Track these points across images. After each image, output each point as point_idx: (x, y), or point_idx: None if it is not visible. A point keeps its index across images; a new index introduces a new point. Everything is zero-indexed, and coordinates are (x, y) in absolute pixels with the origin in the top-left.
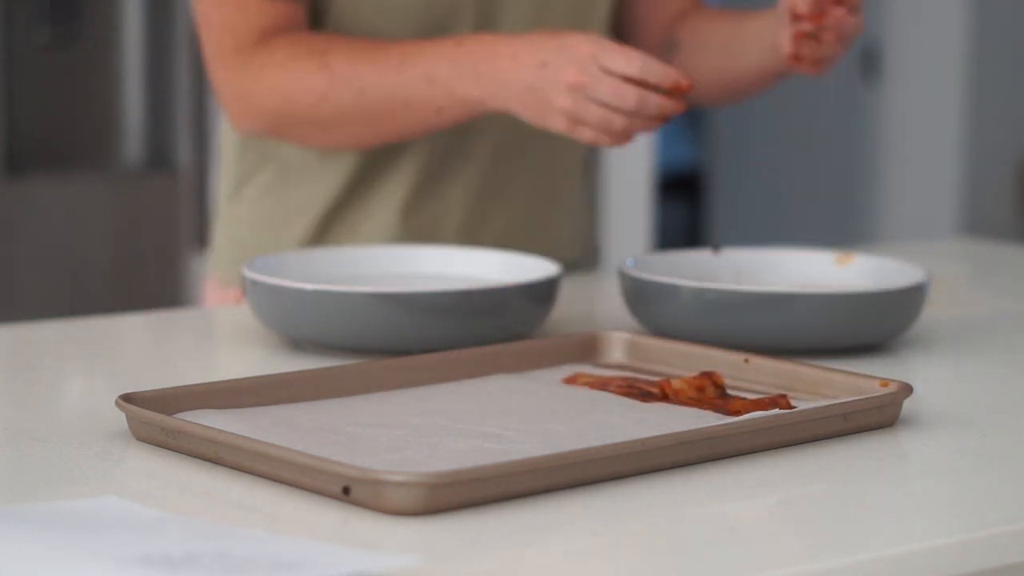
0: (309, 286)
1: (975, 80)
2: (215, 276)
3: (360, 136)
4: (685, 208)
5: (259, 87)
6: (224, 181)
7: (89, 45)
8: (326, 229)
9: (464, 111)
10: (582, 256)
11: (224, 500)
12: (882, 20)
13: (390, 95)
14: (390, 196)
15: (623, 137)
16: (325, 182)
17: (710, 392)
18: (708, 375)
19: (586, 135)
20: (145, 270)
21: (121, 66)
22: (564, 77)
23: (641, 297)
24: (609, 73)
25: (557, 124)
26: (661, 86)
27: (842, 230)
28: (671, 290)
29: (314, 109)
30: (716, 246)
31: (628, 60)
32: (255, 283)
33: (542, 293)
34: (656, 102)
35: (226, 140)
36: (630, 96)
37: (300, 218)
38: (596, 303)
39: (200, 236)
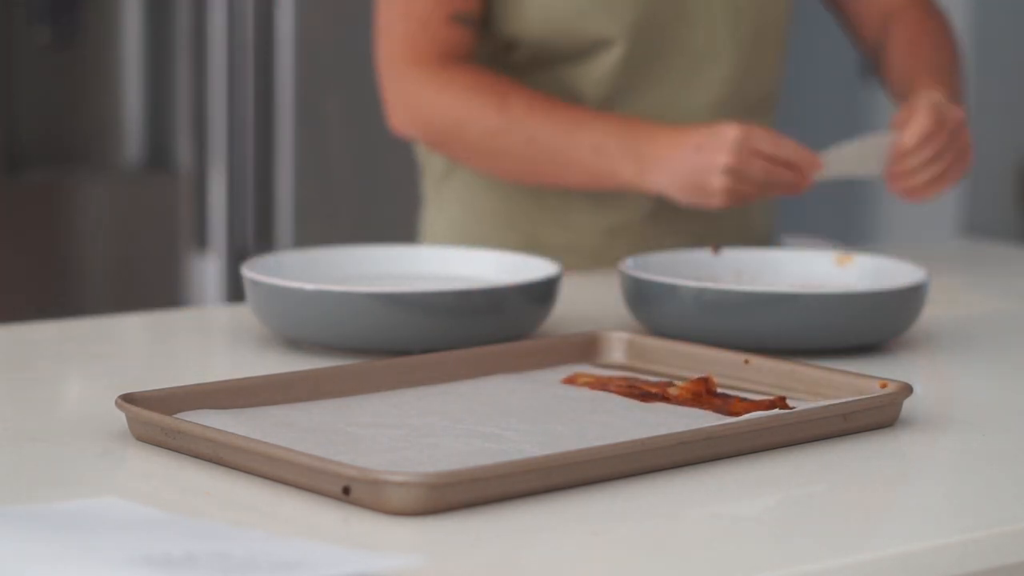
0: (309, 286)
1: (975, 80)
2: None
3: (513, 173)
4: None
5: (437, 103)
6: (429, 167)
7: (89, 45)
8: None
9: (615, 184)
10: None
11: (224, 500)
12: None
13: (557, 151)
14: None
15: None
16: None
17: (707, 398)
18: (703, 381)
19: (743, 206)
20: (145, 270)
21: (121, 66)
22: (720, 159)
23: (641, 297)
24: (758, 154)
25: (715, 202)
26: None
27: (842, 230)
28: (671, 290)
29: (484, 140)
30: (716, 246)
31: (775, 144)
32: (255, 283)
33: (542, 293)
34: (799, 181)
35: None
36: (781, 178)
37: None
38: (596, 303)
39: (200, 236)
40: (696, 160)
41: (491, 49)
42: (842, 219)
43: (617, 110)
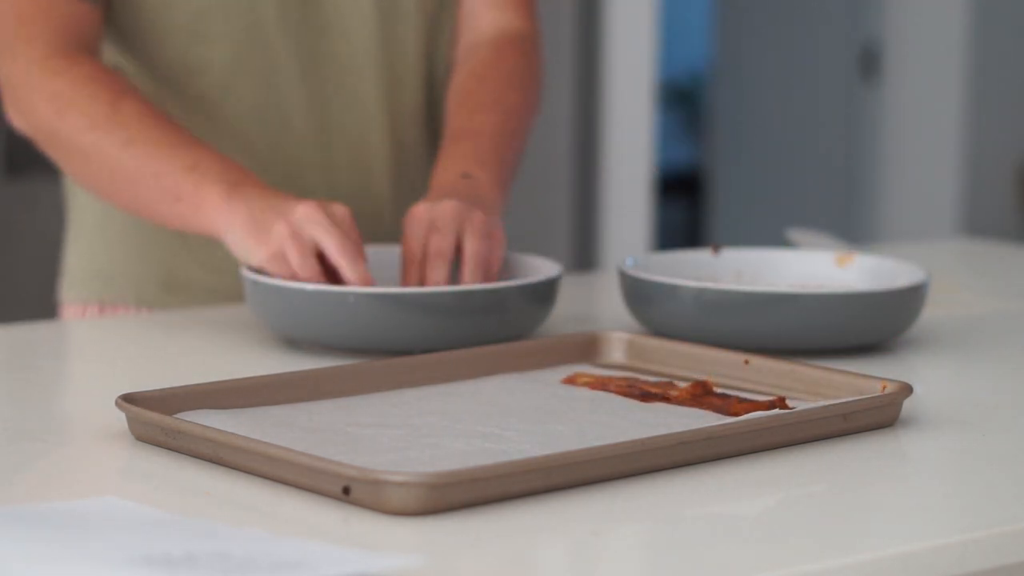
0: (309, 286)
1: (975, 80)
2: (72, 296)
3: (101, 186)
4: (685, 208)
5: (44, 89)
6: (69, 206)
7: None
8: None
9: (193, 214)
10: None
11: (224, 500)
12: (882, 20)
13: (149, 159)
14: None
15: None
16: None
17: (707, 398)
18: (700, 384)
19: (281, 272)
20: None
21: None
22: (296, 207)
23: (641, 297)
24: (312, 240)
25: (263, 252)
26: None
27: (842, 230)
28: (671, 290)
29: (78, 135)
30: (716, 246)
31: (339, 249)
32: (255, 283)
33: (542, 293)
34: (314, 273)
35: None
36: (308, 272)
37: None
38: (596, 303)
39: None
40: (277, 207)
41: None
42: (842, 219)
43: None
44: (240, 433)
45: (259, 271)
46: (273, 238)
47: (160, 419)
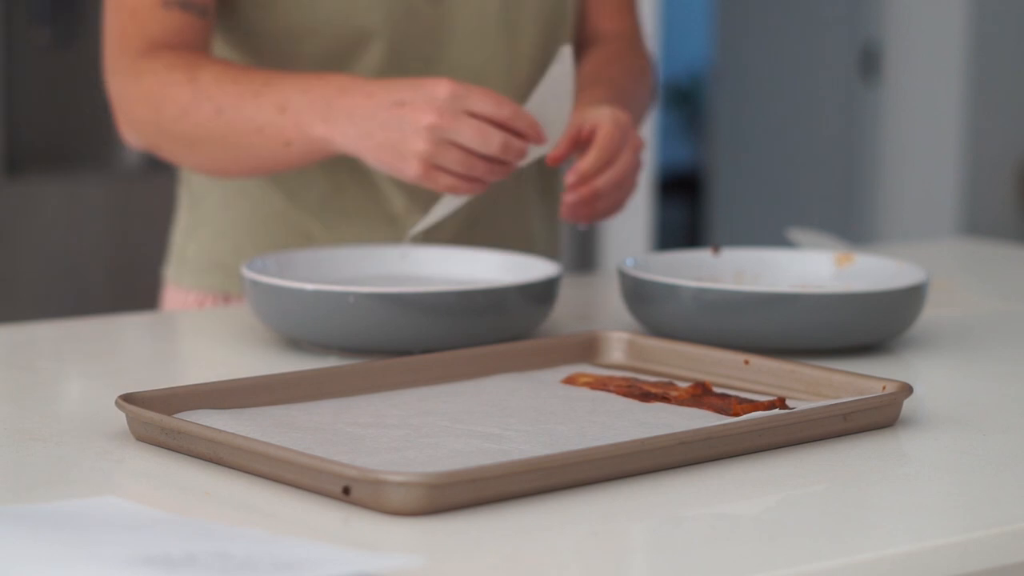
0: (309, 286)
1: (975, 80)
2: (177, 282)
3: (218, 160)
4: (685, 208)
5: (138, 94)
6: (183, 193)
7: (89, 45)
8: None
9: (311, 149)
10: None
11: (224, 500)
12: (882, 20)
13: (245, 119)
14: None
15: (481, 185)
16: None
17: (706, 398)
18: (700, 384)
19: (443, 182)
20: (145, 270)
21: None
22: (423, 117)
23: (641, 297)
24: (472, 115)
25: (411, 170)
26: (526, 139)
27: (842, 230)
28: (671, 290)
29: (178, 123)
30: (716, 246)
31: (497, 103)
32: (255, 283)
33: (542, 293)
34: (520, 147)
35: None
36: (495, 139)
37: (276, 223)
38: (596, 303)
39: None
40: (395, 116)
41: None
42: (842, 219)
43: None
44: (240, 433)
45: None
46: (415, 158)
47: (160, 419)
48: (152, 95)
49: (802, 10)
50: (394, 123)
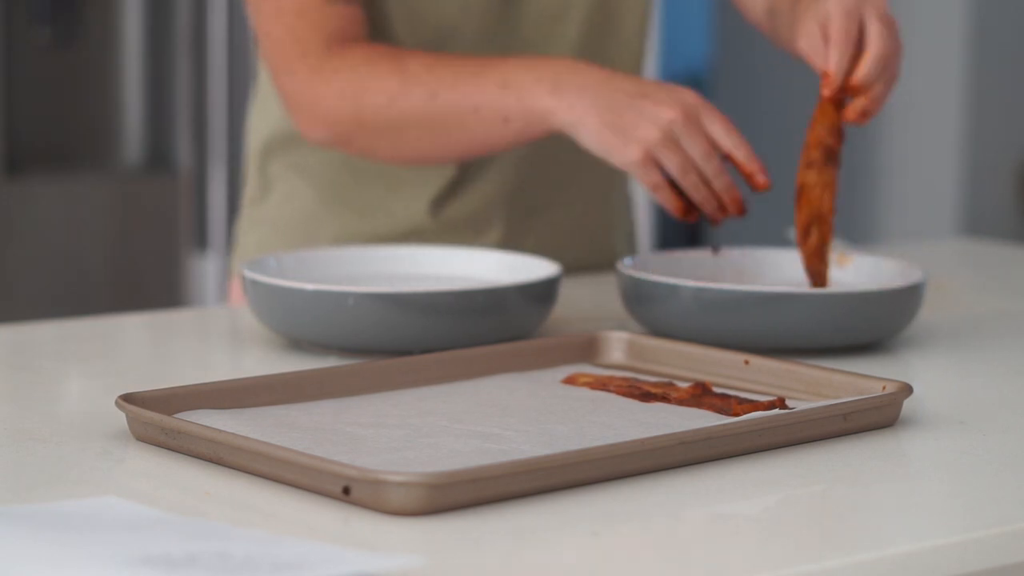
0: (309, 286)
1: (975, 80)
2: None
3: (426, 146)
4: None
5: (330, 91)
6: (250, 183)
7: (89, 45)
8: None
9: (531, 124)
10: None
11: (224, 500)
12: None
13: (462, 99)
14: (420, 195)
15: (678, 204)
16: (357, 190)
17: (706, 398)
18: (700, 384)
19: (652, 177)
20: (145, 270)
21: (121, 66)
22: (664, 111)
23: (640, 297)
24: (705, 134)
25: (631, 153)
26: (741, 169)
27: (842, 230)
28: (670, 290)
29: (383, 111)
30: (716, 246)
31: (728, 128)
32: (255, 283)
33: (542, 293)
34: (728, 183)
35: (253, 144)
36: (715, 161)
37: (331, 219)
38: (596, 303)
39: (200, 236)
40: (634, 103)
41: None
42: (842, 219)
43: None
44: (240, 433)
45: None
46: (641, 144)
47: (160, 419)
48: (350, 88)
49: None
50: (632, 109)
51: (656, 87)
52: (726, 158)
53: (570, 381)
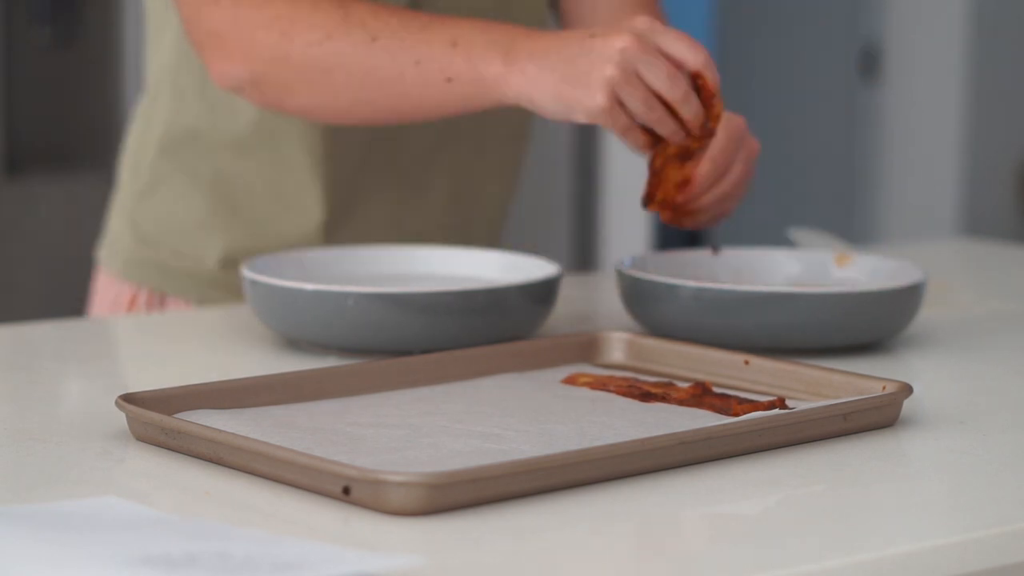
0: (309, 286)
1: (975, 80)
2: (112, 268)
3: (350, 96)
4: None
5: (260, 17)
6: (139, 174)
7: (89, 45)
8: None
9: (474, 91)
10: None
11: (224, 500)
12: (882, 20)
13: (404, 48)
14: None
15: (647, 142)
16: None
17: (707, 399)
18: (700, 384)
19: (621, 121)
20: None
21: (121, 66)
22: (615, 42)
23: (640, 297)
24: (665, 56)
25: (596, 99)
26: (708, 87)
27: (842, 230)
28: (670, 290)
29: (314, 48)
30: (715, 246)
31: (693, 47)
32: (255, 283)
33: (542, 293)
34: (698, 108)
35: (147, 135)
36: (682, 84)
37: (220, 231)
38: (596, 303)
39: None
40: (585, 46)
41: None
42: (842, 219)
43: None
44: (240, 433)
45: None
46: (602, 87)
47: (160, 419)
48: (284, 18)
49: (802, 10)
50: (583, 53)
51: (606, 25)
52: (693, 77)
53: (570, 381)
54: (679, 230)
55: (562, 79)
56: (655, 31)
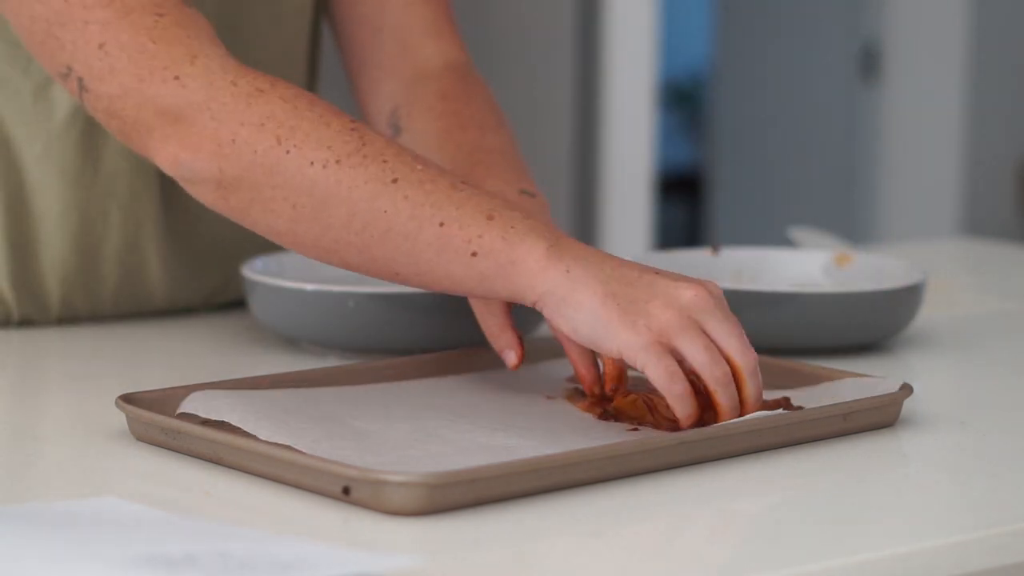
0: (309, 286)
1: (975, 80)
2: None
3: (342, 238)
4: (685, 208)
5: (244, 110)
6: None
7: None
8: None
9: (500, 273)
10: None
11: (224, 500)
12: (882, 20)
13: (428, 204)
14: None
15: (694, 411)
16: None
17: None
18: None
19: (658, 367)
20: None
21: None
22: (685, 290)
23: None
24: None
25: (633, 333)
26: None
27: (842, 230)
28: None
29: (316, 170)
30: (716, 246)
31: (743, 341)
32: (255, 283)
33: None
34: (734, 400)
35: None
36: (724, 367)
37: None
38: None
39: None
40: (647, 278)
41: None
42: (842, 219)
43: None
44: (248, 418)
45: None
46: (652, 321)
47: (160, 419)
48: (280, 122)
49: (802, 10)
50: (644, 283)
51: (671, 271)
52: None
53: (571, 381)
54: (679, 230)
55: (610, 295)
56: (723, 299)
